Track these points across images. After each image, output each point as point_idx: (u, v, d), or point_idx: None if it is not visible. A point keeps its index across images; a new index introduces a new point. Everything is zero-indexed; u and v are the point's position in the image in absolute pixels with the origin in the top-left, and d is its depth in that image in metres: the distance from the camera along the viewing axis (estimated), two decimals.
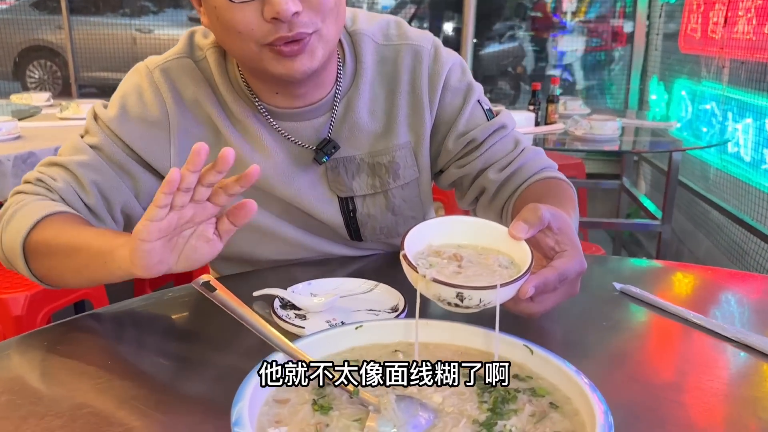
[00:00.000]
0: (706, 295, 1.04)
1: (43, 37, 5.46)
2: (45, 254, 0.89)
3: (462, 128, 1.06)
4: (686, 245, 3.38)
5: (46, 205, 0.92)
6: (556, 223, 0.76)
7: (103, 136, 0.98)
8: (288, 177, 1.03)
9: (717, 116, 2.96)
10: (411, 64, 1.04)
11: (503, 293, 0.66)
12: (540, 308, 0.76)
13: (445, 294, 0.66)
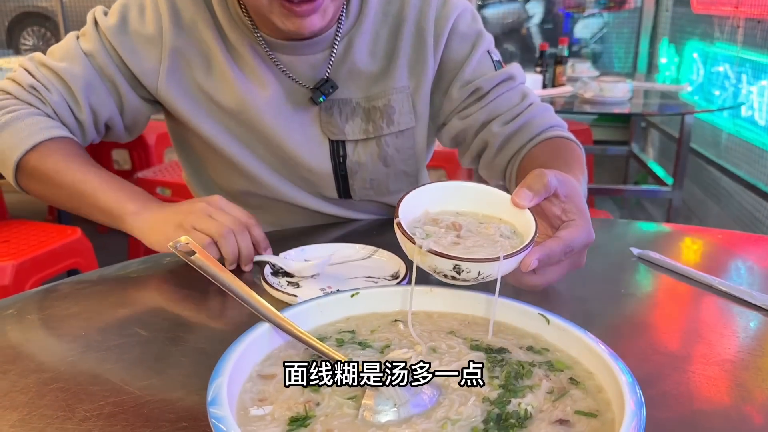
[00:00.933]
0: (721, 259, 0.98)
1: (35, 3, 5.34)
2: (42, 182, 0.93)
3: (468, 76, 1.00)
4: (695, 213, 3.31)
5: (42, 125, 0.94)
6: (563, 189, 0.69)
7: (99, 43, 0.98)
8: (279, 112, 0.99)
9: (730, 79, 2.85)
10: (418, 4, 0.99)
11: (504, 266, 0.59)
12: (543, 281, 0.69)
13: (441, 266, 0.59)
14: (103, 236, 3.39)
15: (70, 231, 1.98)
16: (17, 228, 2.01)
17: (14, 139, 0.92)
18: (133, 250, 2.66)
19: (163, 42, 0.97)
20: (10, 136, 0.92)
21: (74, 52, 0.98)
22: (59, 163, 0.92)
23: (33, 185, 0.95)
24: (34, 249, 1.84)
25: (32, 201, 4.14)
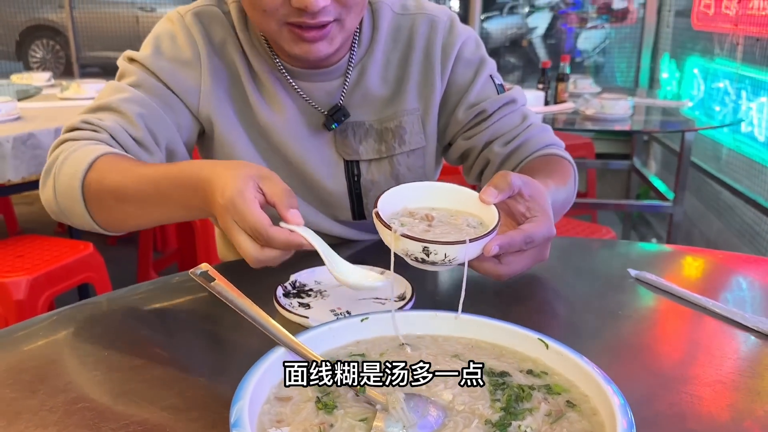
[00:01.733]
0: (721, 281, 1.01)
1: (45, 16, 5.42)
2: (107, 194, 0.86)
3: (473, 99, 1.06)
4: (697, 226, 3.34)
5: (98, 147, 0.89)
6: (527, 190, 0.78)
7: (140, 73, 0.99)
8: (297, 135, 1.04)
9: (730, 95, 2.89)
10: (426, 33, 1.05)
11: (467, 249, 0.68)
12: (507, 270, 0.77)
13: (412, 248, 0.69)
14: (112, 249, 3.45)
15: (82, 246, 2.01)
16: (30, 243, 2.05)
17: (73, 169, 0.88)
18: (142, 263, 2.70)
19: (201, 64, 1.00)
20: (70, 167, 0.89)
21: (119, 87, 0.99)
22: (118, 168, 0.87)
23: (100, 203, 0.88)
24: (48, 264, 1.87)
25: (42, 213, 4.21)
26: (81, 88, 2.69)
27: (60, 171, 0.89)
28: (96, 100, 0.98)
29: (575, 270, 1.02)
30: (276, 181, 0.73)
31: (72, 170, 0.87)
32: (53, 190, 0.91)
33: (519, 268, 0.78)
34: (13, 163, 1.95)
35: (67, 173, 0.88)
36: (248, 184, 0.71)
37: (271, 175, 0.74)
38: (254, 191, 0.71)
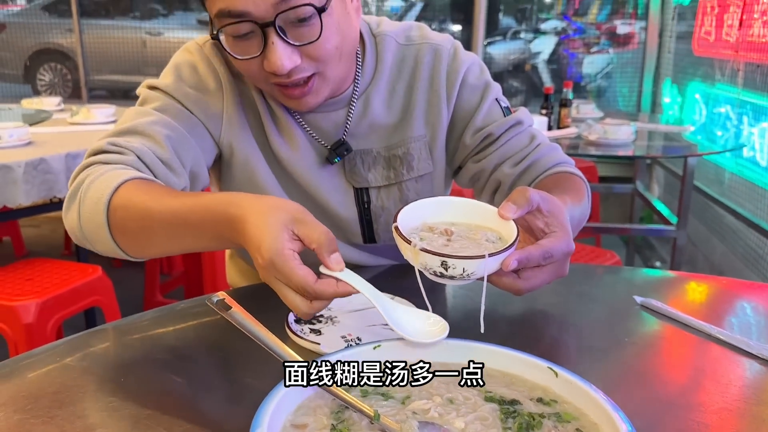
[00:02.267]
0: (725, 307, 1.02)
1: (54, 40, 5.48)
2: (133, 221, 0.84)
3: (479, 123, 1.08)
4: (701, 250, 3.35)
5: (125, 172, 0.88)
6: (545, 206, 0.79)
7: (164, 99, 1.00)
8: (309, 165, 1.06)
9: (732, 120, 2.92)
10: (431, 61, 1.07)
11: (486, 264, 0.69)
12: (526, 285, 0.78)
13: (431, 262, 0.70)
14: (118, 270, 3.46)
15: (91, 269, 2.03)
16: (40, 266, 2.07)
17: (98, 194, 0.87)
18: (149, 286, 2.71)
19: (223, 92, 1.02)
20: (95, 191, 0.88)
21: (143, 111, 0.99)
22: (146, 193, 0.86)
23: (124, 227, 0.87)
24: (57, 287, 1.89)
25: (48, 236, 4.23)
26: (91, 113, 2.73)
27: (85, 195, 0.88)
28: (120, 124, 0.98)
29: (581, 296, 1.03)
30: (312, 225, 0.72)
31: (97, 195, 0.86)
32: (78, 214, 0.89)
33: (538, 283, 0.79)
34: (24, 187, 1.97)
35: (92, 198, 0.87)
36: (283, 239, 0.70)
37: (304, 217, 0.73)
38: (291, 243, 0.71)
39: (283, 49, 0.87)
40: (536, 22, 4.51)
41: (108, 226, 0.86)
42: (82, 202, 0.88)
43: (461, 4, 4.58)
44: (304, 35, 0.88)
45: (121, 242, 0.88)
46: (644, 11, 4.16)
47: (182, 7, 5.53)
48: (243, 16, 0.86)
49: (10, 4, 5.84)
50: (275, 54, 0.87)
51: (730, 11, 2.90)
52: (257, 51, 0.89)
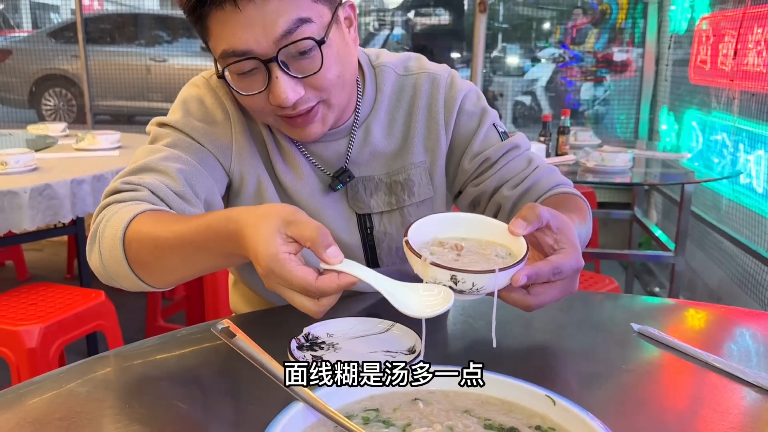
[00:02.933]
0: (722, 335, 1.04)
1: (59, 66, 5.55)
2: (146, 252, 0.87)
3: (477, 148, 1.10)
4: (699, 276, 3.36)
5: (137, 206, 0.91)
6: (555, 222, 0.80)
7: (174, 134, 1.02)
8: (313, 194, 1.08)
9: (728, 147, 2.95)
10: (428, 89, 1.10)
11: (496, 279, 0.71)
12: (535, 301, 0.80)
13: (440, 277, 0.71)
14: (120, 295, 3.47)
15: (94, 294, 2.04)
16: (43, 290, 2.08)
17: (113, 230, 0.89)
18: (151, 310, 2.72)
19: (231, 123, 1.05)
20: (112, 228, 0.90)
21: (154, 149, 1.01)
22: (158, 222, 0.88)
23: (141, 258, 0.89)
24: (61, 312, 1.90)
25: (51, 260, 4.25)
26: (95, 140, 2.77)
27: (103, 234, 0.91)
28: (132, 163, 1.00)
29: (580, 324, 1.05)
30: (303, 224, 0.73)
31: (113, 231, 0.89)
32: (99, 255, 0.92)
33: (548, 299, 0.80)
34: (30, 213, 2.00)
35: (109, 235, 0.90)
36: (276, 243, 0.72)
37: (296, 218, 0.74)
38: (285, 246, 0.72)
39: (287, 82, 0.91)
40: (534, 50, 4.58)
41: (126, 261, 0.88)
42: (101, 241, 0.91)
43: (458, 31, 4.65)
44: (306, 67, 0.92)
45: (142, 274, 0.90)
46: (641, 39, 4.23)
47: (186, 34, 5.61)
48: (246, 54, 0.89)
49: (16, 30, 5.92)
50: (280, 87, 0.90)
51: (724, 41, 2.95)
52: (262, 86, 0.92)
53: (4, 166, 2.20)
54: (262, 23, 0.87)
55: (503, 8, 4.52)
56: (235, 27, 0.88)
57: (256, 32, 0.88)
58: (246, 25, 0.88)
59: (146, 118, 5.21)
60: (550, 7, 4.50)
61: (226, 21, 0.88)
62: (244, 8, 0.87)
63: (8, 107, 5.59)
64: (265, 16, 0.87)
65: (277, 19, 0.88)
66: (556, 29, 4.48)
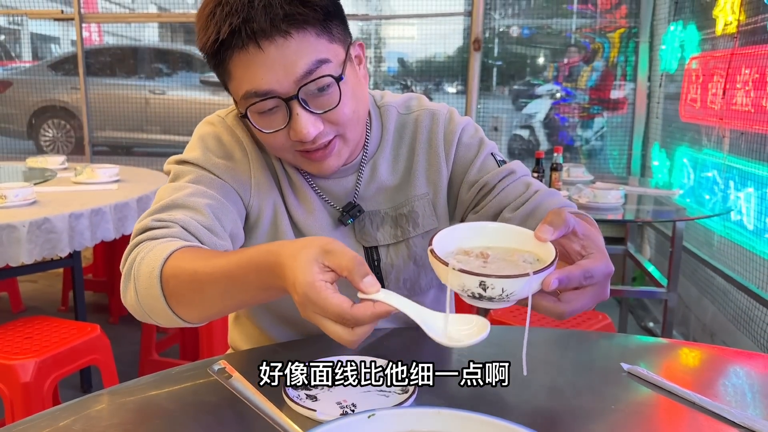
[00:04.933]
0: (712, 375, 1.05)
1: (58, 97, 5.60)
2: (185, 287, 0.88)
3: (474, 177, 1.13)
4: (692, 311, 3.37)
5: (172, 243, 0.92)
6: (581, 229, 0.81)
7: (196, 171, 1.05)
8: (323, 228, 1.12)
9: (719, 184, 3.00)
10: (429, 124, 1.15)
11: (527, 283, 0.69)
12: (567, 308, 0.79)
13: (468, 283, 0.70)
14: (114, 327, 3.46)
15: (89, 328, 2.04)
16: (39, 324, 2.08)
17: (149, 267, 0.90)
18: (145, 343, 2.71)
19: (249, 159, 1.08)
20: (147, 265, 0.91)
21: (178, 186, 1.03)
22: (198, 257, 0.89)
23: (179, 294, 0.90)
24: (56, 346, 1.90)
25: (46, 291, 4.24)
26: (94, 173, 2.79)
27: (138, 272, 0.92)
28: (158, 201, 1.02)
29: (571, 362, 1.06)
30: (340, 253, 0.74)
31: (149, 269, 0.90)
32: (135, 292, 0.93)
33: (579, 306, 0.80)
34: (28, 246, 2.01)
35: (145, 273, 0.90)
36: (313, 271, 0.73)
37: (333, 247, 0.75)
38: (321, 275, 0.74)
39: (308, 118, 0.95)
40: (529, 87, 4.66)
41: (164, 297, 0.89)
42: (137, 279, 0.92)
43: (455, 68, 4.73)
44: (325, 103, 0.97)
45: (179, 310, 0.91)
46: (632, 77, 4.31)
47: (185, 67, 5.69)
48: (268, 94, 0.94)
49: (17, 61, 5.99)
50: (300, 123, 0.95)
51: (713, 80, 3.02)
52: (282, 123, 0.97)
53: (4, 199, 2.22)
54: (283, 64, 0.92)
55: (497, 46, 4.61)
56: (258, 68, 0.93)
57: (278, 73, 0.93)
58: (268, 67, 0.92)
59: (144, 150, 5.26)
60: (544, 45, 4.60)
61: (249, 63, 0.93)
62: (266, 49, 0.91)
63: (7, 138, 5.62)
64: (286, 57, 0.92)
65: (298, 60, 0.92)
66: (549, 66, 4.57)
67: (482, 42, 4.26)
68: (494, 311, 2.24)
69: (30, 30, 6.08)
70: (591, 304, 0.81)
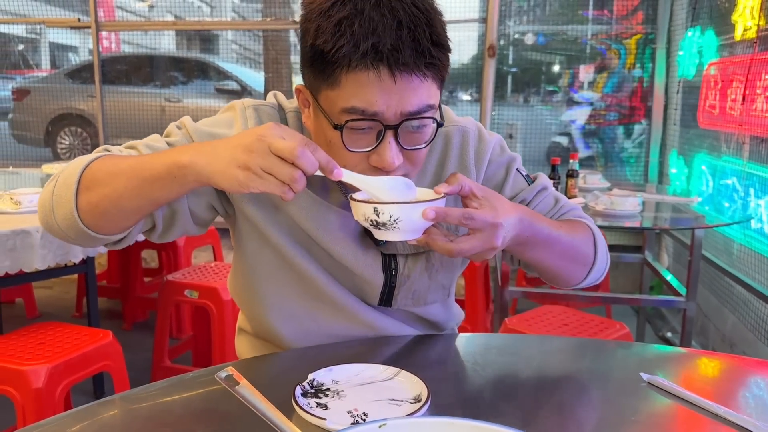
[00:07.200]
0: (734, 386, 1.02)
1: (75, 105, 5.66)
2: (101, 180, 0.93)
3: (509, 194, 1.18)
4: (711, 321, 3.31)
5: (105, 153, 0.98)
6: (480, 192, 0.94)
7: (182, 138, 1.05)
8: (348, 233, 1.10)
9: (738, 192, 2.95)
10: (459, 142, 1.17)
11: (409, 209, 0.88)
12: (456, 247, 0.91)
13: (367, 212, 0.89)
14: (127, 334, 3.47)
15: (102, 334, 2.04)
16: (52, 330, 2.08)
17: (74, 167, 0.96)
18: (158, 350, 2.71)
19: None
20: (72, 167, 0.97)
21: (156, 138, 1.06)
22: (118, 158, 0.96)
23: (93, 191, 0.94)
24: (68, 352, 1.90)
25: (60, 297, 4.27)
26: None
27: (67, 167, 0.98)
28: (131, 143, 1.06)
29: (590, 372, 1.04)
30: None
31: (78, 162, 0.96)
32: (53, 183, 0.97)
33: (466, 246, 0.91)
34: (41, 252, 2.02)
35: (72, 165, 0.97)
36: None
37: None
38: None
39: (395, 150, 0.94)
40: (544, 94, 4.63)
41: (77, 187, 0.94)
42: (63, 172, 0.98)
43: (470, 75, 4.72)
44: (413, 141, 0.97)
45: (83, 200, 0.95)
46: (649, 84, 4.27)
47: (201, 75, 5.73)
48: (374, 116, 0.92)
49: (35, 69, 6.07)
50: (389, 152, 0.94)
51: (733, 86, 2.98)
52: (369, 146, 0.95)
53: (18, 205, 2.23)
54: (400, 95, 0.91)
55: (512, 53, 4.59)
56: (377, 92, 0.90)
57: (392, 101, 0.91)
58: (388, 94, 0.91)
59: None
60: (559, 51, 4.57)
61: (370, 84, 0.90)
62: (398, 81, 0.90)
63: (24, 145, 5.68)
64: (409, 92, 0.91)
65: (415, 99, 0.92)
66: (565, 73, 4.54)
67: (497, 48, 4.24)
68: (509, 321, 2.23)
69: (49, 39, 6.15)
70: (479, 248, 0.92)
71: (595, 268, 1.14)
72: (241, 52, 7.23)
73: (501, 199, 0.96)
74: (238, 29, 6.04)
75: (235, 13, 7.76)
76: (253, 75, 5.88)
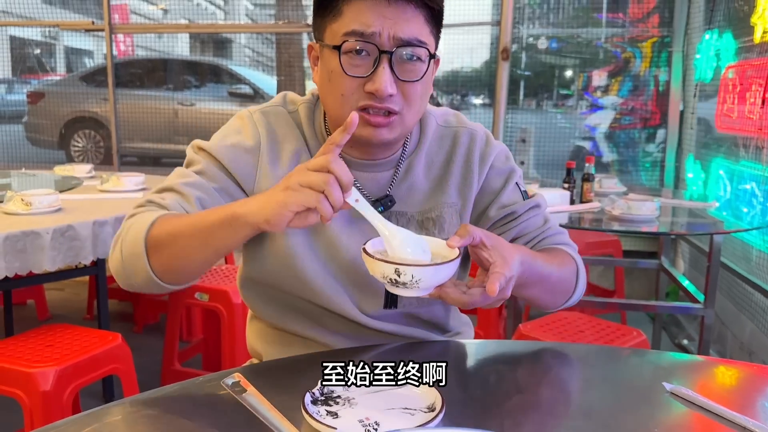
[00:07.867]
0: (757, 397, 0.99)
1: (89, 108, 5.70)
2: (167, 242, 0.98)
3: (505, 201, 1.21)
4: (729, 328, 3.25)
5: (159, 211, 1.03)
6: (488, 241, 0.96)
7: (205, 161, 1.12)
8: (349, 222, 1.14)
9: (757, 197, 2.89)
10: (467, 142, 1.21)
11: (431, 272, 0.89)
12: (470, 299, 0.93)
13: (387, 271, 0.88)
14: (138, 337, 3.46)
15: (111, 337, 2.02)
16: (61, 332, 2.07)
17: (137, 231, 1.00)
18: (168, 353, 2.70)
19: (260, 151, 1.14)
20: (135, 230, 1.01)
21: (185, 173, 1.12)
22: (176, 218, 1.01)
23: (161, 253, 1.00)
24: (77, 354, 1.88)
25: (72, 299, 4.27)
26: (120, 181, 2.79)
27: (127, 235, 1.02)
28: (162, 183, 1.11)
29: (606, 380, 1.01)
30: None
31: (136, 231, 1.00)
32: (120, 254, 1.02)
33: (480, 300, 0.93)
34: (51, 254, 2.01)
35: (132, 234, 1.01)
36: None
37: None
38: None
39: (389, 76, 1.02)
40: (557, 98, 4.59)
41: (146, 255, 0.99)
42: (124, 241, 1.02)
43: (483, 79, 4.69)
44: (408, 73, 1.04)
45: (157, 267, 1.00)
46: (665, 87, 4.22)
47: (214, 79, 5.74)
48: (369, 39, 1.01)
49: (51, 73, 6.12)
50: (382, 77, 1.01)
51: (752, 90, 2.92)
52: (365, 72, 1.03)
53: (29, 206, 2.23)
54: (394, 20, 1.01)
55: (525, 56, 4.55)
56: (373, 15, 1.01)
57: (388, 25, 1.01)
58: (384, 17, 1.01)
59: (172, 161, 5.31)
60: (573, 55, 4.53)
61: (369, 8, 1.01)
62: (392, 4, 1.00)
63: (39, 148, 5.72)
64: (398, 17, 1.01)
65: (408, 27, 1.02)
66: (579, 77, 4.50)
67: (510, 51, 4.20)
68: (523, 327, 2.21)
69: (64, 44, 6.20)
70: (491, 299, 0.94)
71: (572, 299, 1.19)
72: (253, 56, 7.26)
73: (506, 247, 0.98)
74: (251, 32, 6.07)
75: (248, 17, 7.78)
76: (266, 79, 5.90)
